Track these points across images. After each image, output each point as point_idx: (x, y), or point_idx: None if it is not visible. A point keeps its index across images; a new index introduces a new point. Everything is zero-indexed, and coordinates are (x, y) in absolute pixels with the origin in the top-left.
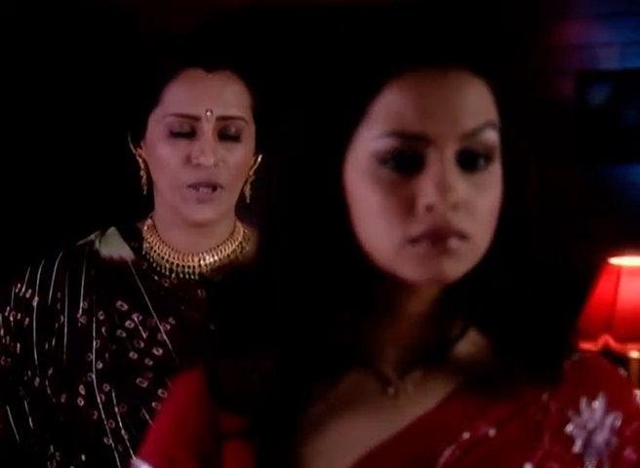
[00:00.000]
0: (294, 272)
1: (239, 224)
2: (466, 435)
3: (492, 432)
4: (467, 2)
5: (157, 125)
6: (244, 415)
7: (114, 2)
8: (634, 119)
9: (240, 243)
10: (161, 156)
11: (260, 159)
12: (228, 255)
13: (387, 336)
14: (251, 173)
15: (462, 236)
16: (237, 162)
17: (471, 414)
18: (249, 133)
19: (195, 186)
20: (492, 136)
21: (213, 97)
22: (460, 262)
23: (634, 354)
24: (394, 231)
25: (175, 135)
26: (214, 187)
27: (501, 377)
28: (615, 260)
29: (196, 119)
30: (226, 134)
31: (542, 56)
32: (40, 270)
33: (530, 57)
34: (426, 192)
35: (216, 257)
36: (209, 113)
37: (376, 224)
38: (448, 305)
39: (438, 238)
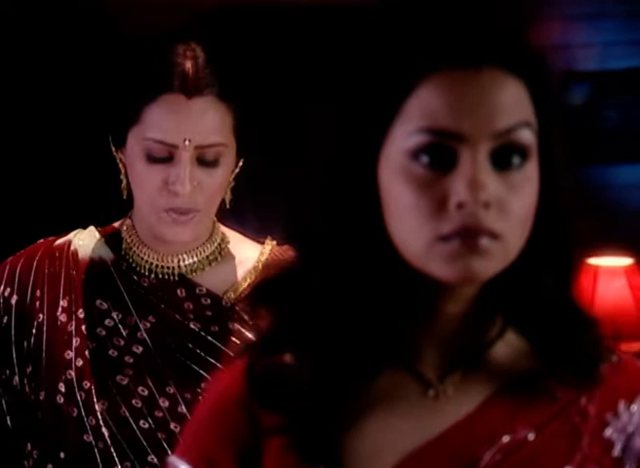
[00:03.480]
0: (331, 271)
1: (218, 225)
2: (506, 438)
3: (531, 435)
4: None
5: (136, 144)
6: (284, 412)
7: (93, 1)
8: (614, 120)
9: (219, 244)
10: (139, 175)
11: (241, 163)
12: (207, 257)
13: (426, 337)
14: (231, 178)
15: (493, 235)
16: (214, 186)
17: (511, 417)
18: (229, 154)
19: (172, 211)
20: (527, 136)
21: (192, 124)
22: (491, 262)
23: None
24: (425, 228)
25: (152, 159)
26: (191, 211)
27: (540, 380)
28: (592, 261)
29: (174, 147)
30: (204, 160)
31: None
32: (19, 269)
33: None
34: (458, 190)
35: (195, 258)
36: (187, 142)
37: (408, 221)
38: (485, 306)
39: (468, 236)
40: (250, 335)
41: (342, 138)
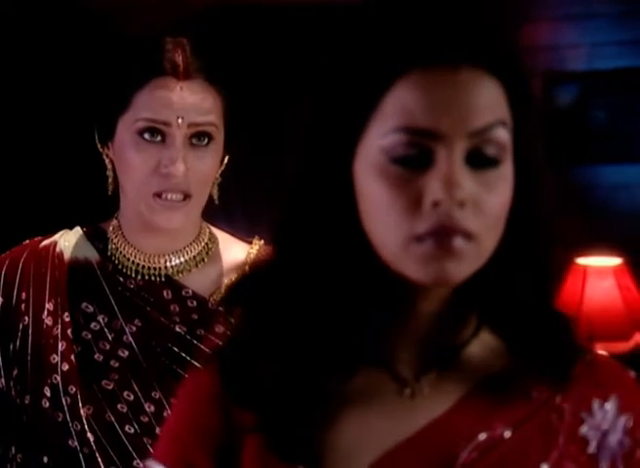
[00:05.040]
0: (306, 268)
1: (205, 225)
2: (483, 436)
3: (507, 433)
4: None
5: (127, 129)
6: (260, 411)
7: (92, 1)
8: (601, 120)
9: (206, 244)
10: (129, 162)
11: (227, 160)
12: (194, 257)
13: (402, 336)
14: (218, 174)
15: (468, 235)
16: (206, 169)
17: (487, 416)
18: (219, 138)
19: (163, 194)
20: (502, 135)
21: (184, 103)
22: (465, 263)
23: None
24: (401, 228)
25: (144, 141)
26: (182, 195)
27: (515, 378)
28: (581, 260)
29: (167, 125)
30: (197, 141)
31: None
32: (4, 270)
33: None
34: (433, 188)
35: (182, 259)
36: (180, 120)
37: (383, 220)
38: (460, 306)
39: (443, 236)
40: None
41: (319, 135)
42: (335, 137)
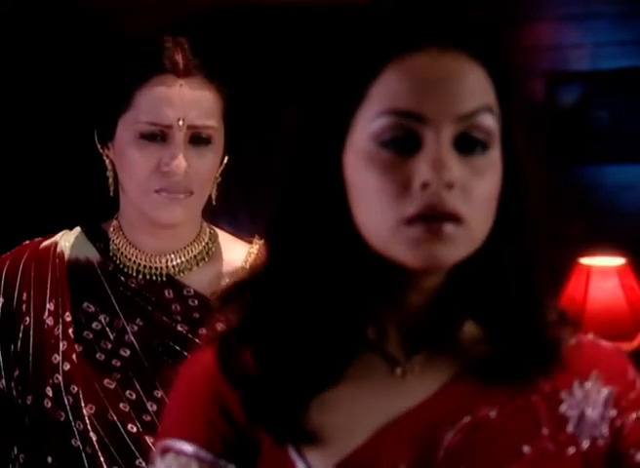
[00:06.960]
0: (299, 259)
1: (205, 225)
2: (467, 418)
3: (492, 413)
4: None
5: (127, 129)
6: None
7: (92, 1)
8: (604, 120)
9: (206, 244)
10: (130, 161)
11: (226, 160)
12: (195, 256)
13: (393, 319)
14: (217, 174)
15: (457, 219)
16: (207, 168)
17: (472, 398)
18: (219, 138)
19: (164, 191)
20: (489, 121)
21: (184, 104)
22: (455, 248)
23: None
24: (390, 212)
25: (145, 140)
26: (183, 193)
27: (499, 363)
28: (585, 261)
29: (168, 127)
30: (197, 140)
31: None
32: (5, 271)
33: None
34: (422, 170)
35: (182, 258)
36: (180, 122)
37: (373, 206)
38: (448, 298)
39: (432, 219)
40: None
41: (309, 125)
42: (324, 126)
